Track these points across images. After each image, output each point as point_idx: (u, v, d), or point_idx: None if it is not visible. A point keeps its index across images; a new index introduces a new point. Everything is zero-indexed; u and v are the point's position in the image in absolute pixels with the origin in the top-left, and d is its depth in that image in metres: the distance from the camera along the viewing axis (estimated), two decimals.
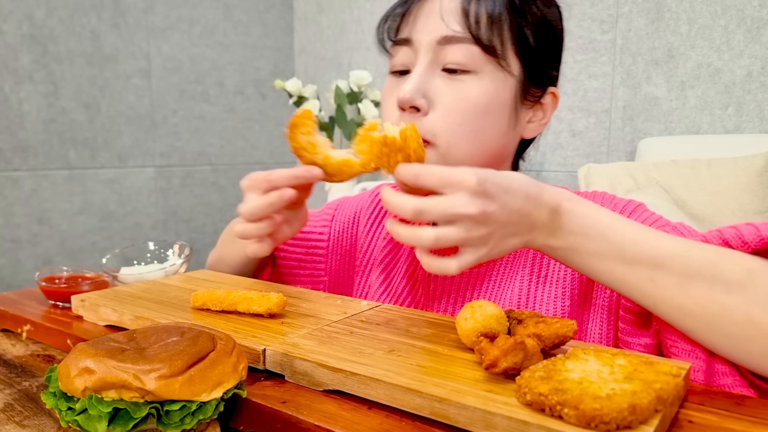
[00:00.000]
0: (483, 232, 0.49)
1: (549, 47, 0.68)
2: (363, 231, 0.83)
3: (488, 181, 0.49)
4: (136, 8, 2.26)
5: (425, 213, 0.49)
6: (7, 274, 2.03)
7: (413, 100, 0.63)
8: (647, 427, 0.36)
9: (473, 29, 0.62)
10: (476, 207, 0.48)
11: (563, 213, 0.52)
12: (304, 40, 2.78)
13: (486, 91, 0.63)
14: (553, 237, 0.53)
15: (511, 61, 0.64)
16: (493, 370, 0.41)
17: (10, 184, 2.01)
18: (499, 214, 0.49)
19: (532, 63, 0.66)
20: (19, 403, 0.50)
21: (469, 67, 0.63)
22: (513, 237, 0.52)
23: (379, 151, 0.54)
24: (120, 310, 0.62)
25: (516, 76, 0.65)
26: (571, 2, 1.95)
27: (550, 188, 0.53)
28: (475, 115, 0.63)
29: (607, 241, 0.51)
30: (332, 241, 0.85)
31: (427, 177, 0.50)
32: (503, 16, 0.63)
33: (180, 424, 0.39)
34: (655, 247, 0.50)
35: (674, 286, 0.50)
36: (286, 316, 0.60)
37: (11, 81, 1.98)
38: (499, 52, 0.63)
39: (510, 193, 0.50)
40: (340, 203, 0.88)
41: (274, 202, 0.61)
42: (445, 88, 0.64)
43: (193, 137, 2.48)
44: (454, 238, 0.49)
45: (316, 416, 0.42)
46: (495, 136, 0.65)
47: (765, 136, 1.62)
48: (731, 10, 1.70)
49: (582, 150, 2.01)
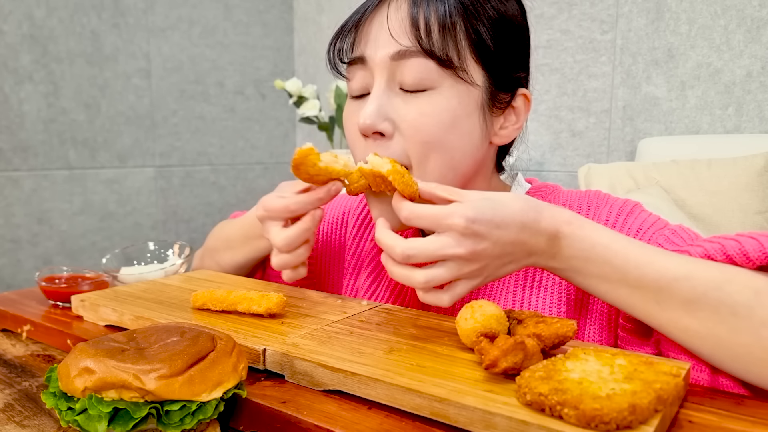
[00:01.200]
0: (474, 267, 0.50)
1: (512, 48, 0.63)
2: (351, 232, 0.83)
3: (477, 221, 0.49)
4: (136, 8, 2.26)
5: (414, 258, 0.50)
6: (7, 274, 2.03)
7: (375, 125, 0.59)
8: (647, 427, 0.36)
9: (424, 42, 0.58)
10: (465, 248, 0.49)
11: (562, 238, 0.52)
12: (304, 40, 2.78)
13: (448, 106, 0.59)
14: (554, 260, 0.53)
15: (472, 70, 0.60)
16: (493, 370, 0.41)
17: (10, 184, 2.01)
18: (491, 250, 0.50)
19: (496, 68, 0.62)
20: (19, 403, 0.50)
21: (427, 84, 0.59)
22: (509, 264, 0.52)
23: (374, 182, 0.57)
24: (120, 310, 0.62)
25: (479, 85, 0.61)
26: (571, 2, 1.95)
27: (548, 211, 0.52)
28: (441, 131, 0.59)
29: (609, 264, 0.51)
30: (320, 242, 0.85)
31: (417, 220, 0.52)
32: (457, 22, 0.59)
33: (180, 424, 0.39)
34: (658, 270, 0.49)
35: (680, 308, 0.49)
36: (286, 316, 0.60)
37: (11, 81, 1.98)
38: (457, 63, 0.59)
39: (502, 228, 0.50)
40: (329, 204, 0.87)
41: (309, 227, 0.62)
42: (406, 108, 0.60)
43: (193, 137, 2.48)
44: (444, 277, 0.50)
45: (316, 416, 0.42)
46: (467, 150, 0.62)
47: (765, 136, 1.62)
48: (731, 10, 1.70)
49: (582, 150, 2.01)
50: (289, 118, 2.82)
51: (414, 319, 0.59)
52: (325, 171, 0.59)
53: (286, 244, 0.61)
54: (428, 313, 0.61)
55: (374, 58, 0.61)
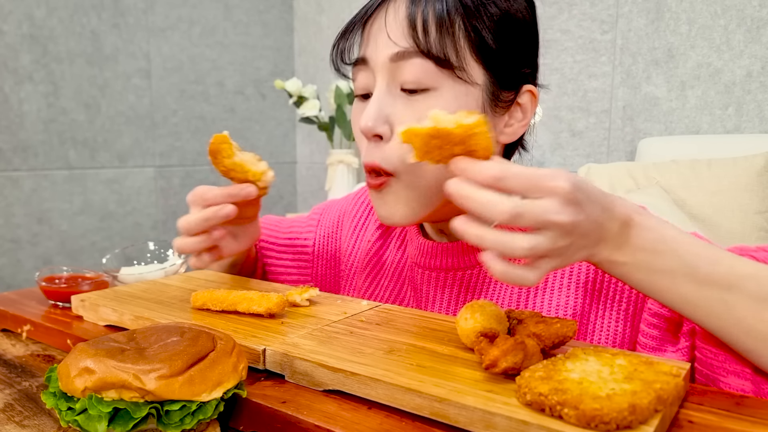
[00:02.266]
0: (566, 242, 0.45)
1: (516, 46, 0.61)
2: (347, 235, 0.82)
3: (580, 189, 0.44)
4: (136, 8, 2.26)
5: (521, 217, 0.43)
6: (7, 274, 2.03)
7: (374, 129, 0.59)
8: (647, 427, 0.36)
9: (421, 42, 0.57)
10: (567, 216, 0.44)
11: (633, 226, 0.48)
12: (304, 40, 2.78)
13: (447, 108, 0.57)
14: (619, 251, 0.49)
15: (472, 69, 0.59)
16: (493, 370, 0.41)
17: (10, 184, 2.01)
18: (584, 226, 0.45)
19: (498, 67, 0.60)
20: (19, 403, 0.50)
21: (426, 84, 0.58)
22: (583, 249, 0.48)
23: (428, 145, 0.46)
24: (120, 310, 0.62)
25: (480, 84, 0.60)
26: (571, 2, 1.95)
27: (619, 199, 0.49)
28: None
29: (679, 258, 0.48)
30: (317, 246, 0.85)
31: (514, 179, 0.43)
32: (456, 21, 0.58)
33: (180, 424, 0.39)
34: (729, 267, 0.48)
35: (746, 308, 0.47)
36: (286, 316, 0.60)
37: (11, 81, 1.98)
38: (455, 63, 0.58)
39: (593, 203, 0.46)
40: (326, 208, 0.87)
41: (209, 217, 0.63)
42: (406, 110, 0.59)
43: (193, 137, 2.48)
44: (545, 247, 0.44)
45: (316, 416, 0.42)
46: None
47: (765, 136, 1.62)
48: (731, 10, 1.70)
49: (582, 150, 2.01)
50: (289, 118, 2.82)
51: (414, 319, 0.59)
52: (241, 168, 0.61)
53: (184, 226, 0.65)
54: (428, 313, 0.61)
55: (375, 59, 0.60)
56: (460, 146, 0.45)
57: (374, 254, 0.78)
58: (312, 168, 2.86)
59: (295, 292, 0.63)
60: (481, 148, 0.45)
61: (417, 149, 0.47)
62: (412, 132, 0.46)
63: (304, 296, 0.63)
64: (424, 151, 0.47)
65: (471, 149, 0.45)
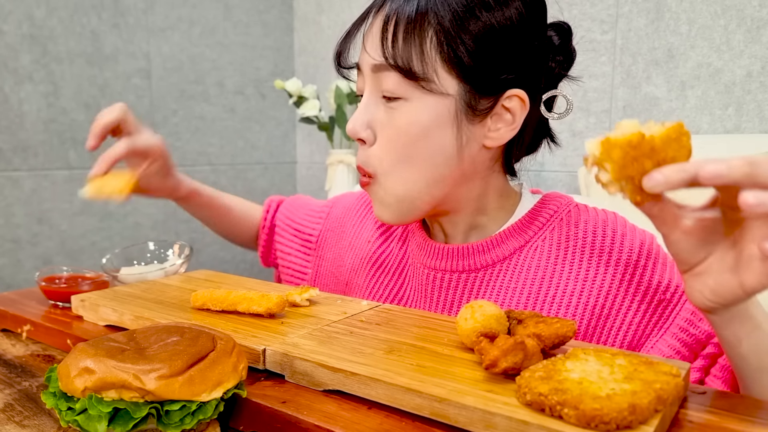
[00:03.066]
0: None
1: (500, 56, 0.60)
2: (349, 232, 0.83)
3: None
4: (136, 8, 2.26)
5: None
6: (7, 274, 2.03)
7: (357, 133, 0.63)
8: (647, 427, 0.36)
9: (389, 55, 0.59)
10: None
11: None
12: (304, 40, 2.78)
13: (416, 119, 0.60)
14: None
15: (444, 81, 0.59)
16: (493, 370, 0.41)
17: (10, 184, 2.01)
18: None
19: (475, 78, 0.60)
20: (19, 403, 0.50)
21: (399, 94, 0.60)
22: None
23: (626, 156, 0.39)
24: (120, 310, 0.62)
25: (453, 95, 0.60)
26: (571, 2, 1.95)
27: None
28: (409, 143, 0.61)
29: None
30: (320, 238, 0.86)
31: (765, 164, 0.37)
32: (427, 34, 0.58)
33: (180, 424, 0.39)
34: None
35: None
36: (286, 316, 0.60)
37: (11, 81, 1.98)
38: (421, 75, 0.59)
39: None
40: (336, 201, 0.89)
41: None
42: (384, 117, 0.62)
43: (193, 137, 2.48)
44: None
45: (316, 416, 0.42)
46: (437, 161, 0.62)
47: (765, 136, 1.62)
48: (731, 10, 1.70)
49: (582, 150, 2.01)
50: (289, 118, 2.82)
51: (414, 319, 0.59)
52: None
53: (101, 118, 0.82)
54: (428, 313, 0.61)
55: (362, 67, 0.64)
56: (651, 159, 0.40)
57: (376, 252, 0.78)
58: (312, 168, 2.86)
59: (295, 292, 0.63)
60: (684, 153, 0.40)
61: (615, 163, 0.40)
62: (611, 143, 0.40)
63: (304, 296, 0.63)
64: (620, 165, 0.40)
65: (664, 159, 0.40)
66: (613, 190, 0.41)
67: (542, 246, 0.66)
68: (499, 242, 0.67)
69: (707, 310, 0.46)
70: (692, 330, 0.59)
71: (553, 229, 0.66)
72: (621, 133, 0.40)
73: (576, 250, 0.64)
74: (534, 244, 0.66)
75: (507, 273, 0.66)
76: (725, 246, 0.43)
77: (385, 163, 0.62)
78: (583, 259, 0.64)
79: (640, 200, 0.41)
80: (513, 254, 0.67)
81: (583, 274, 0.63)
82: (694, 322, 0.59)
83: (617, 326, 0.62)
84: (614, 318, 0.62)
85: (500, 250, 0.67)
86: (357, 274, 0.80)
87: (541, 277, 0.65)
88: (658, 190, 0.40)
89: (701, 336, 0.58)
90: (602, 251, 0.63)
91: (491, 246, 0.67)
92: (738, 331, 0.47)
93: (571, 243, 0.65)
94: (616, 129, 0.40)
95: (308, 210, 0.90)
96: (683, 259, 0.45)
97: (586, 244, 0.64)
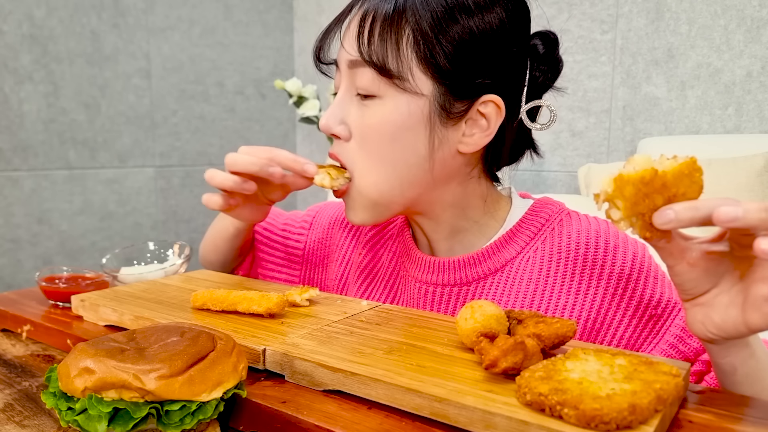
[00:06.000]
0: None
1: (479, 61, 0.59)
2: (338, 242, 0.81)
3: None
4: (136, 8, 2.26)
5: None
6: (7, 274, 2.03)
7: (331, 128, 0.63)
8: (647, 427, 0.36)
9: (364, 51, 0.59)
10: None
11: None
12: (304, 40, 2.78)
13: (389, 117, 0.59)
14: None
15: (419, 81, 0.59)
16: (493, 370, 0.41)
17: (10, 184, 2.01)
18: None
19: (451, 80, 0.59)
20: (19, 403, 0.50)
21: (373, 91, 0.60)
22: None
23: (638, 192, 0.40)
24: (120, 310, 0.62)
25: (427, 95, 0.59)
26: (571, 2, 1.95)
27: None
28: (381, 142, 0.60)
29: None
30: (307, 249, 0.84)
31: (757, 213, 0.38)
32: (404, 32, 0.58)
33: (180, 424, 0.39)
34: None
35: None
36: (286, 316, 0.60)
37: (11, 81, 1.98)
38: (396, 74, 0.58)
39: None
40: (320, 210, 0.86)
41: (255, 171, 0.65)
42: (357, 114, 0.62)
43: (193, 137, 2.48)
44: None
45: (316, 416, 0.42)
46: (411, 162, 0.61)
47: (765, 136, 1.62)
48: (731, 10, 1.70)
49: (582, 150, 2.01)
50: (289, 118, 2.82)
51: (414, 319, 0.59)
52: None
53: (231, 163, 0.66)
54: (428, 313, 0.61)
55: (340, 64, 0.64)
56: (662, 195, 0.40)
57: (366, 264, 0.77)
58: None
59: (295, 292, 0.63)
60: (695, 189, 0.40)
61: (626, 200, 0.40)
62: (623, 179, 0.40)
63: (304, 296, 0.63)
64: (632, 202, 0.40)
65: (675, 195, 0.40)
66: (624, 226, 0.42)
67: (534, 257, 0.65)
68: (490, 254, 0.66)
69: (707, 341, 0.46)
70: (681, 347, 0.59)
71: (545, 239, 0.65)
72: (633, 168, 0.40)
73: (568, 262, 0.63)
74: (525, 256, 0.65)
75: (499, 286, 0.65)
76: (731, 280, 0.43)
77: (358, 160, 0.62)
78: (575, 272, 0.63)
79: (649, 236, 0.42)
80: (504, 266, 0.65)
81: (575, 288, 0.62)
82: (683, 339, 0.59)
83: (608, 340, 0.62)
84: (605, 332, 0.62)
85: (491, 263, 0.65)
86: (348, 286, 0.79)
87: (533, 290, 0.64)
88: (668, 227, 0.40)
89: (690, 353, 0.59)
90: (594, 264, 0.62)
91: (482, 258, 0.66)
92: (734, 359, 0.47)
93: (563, 255, 0.63)
94: (627, 164, 0.41)
95: (287, 221, 0.87)
96: (687, 289, 0.45)
97: (578, 256, 0.63)
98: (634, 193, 0.40)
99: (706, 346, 0.48)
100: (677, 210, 0.39)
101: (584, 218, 0.66)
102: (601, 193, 0.42)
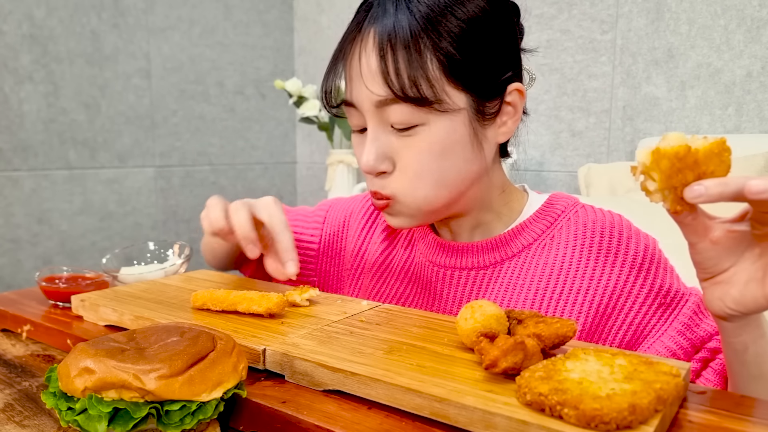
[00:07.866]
0: None
1: (486, 54, 0.61)
2: (353, 235, 0.83)
3: None
4: (136, 8, 2.26)
5: None
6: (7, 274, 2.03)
7: (377, 168, 0.63)
8: (647, 427, 0.36)
9: (397, 90, 0.59)
10: None
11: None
12: (304, 40, 2.78)
13: (438, 139, 0.61)
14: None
15: (452, 97, 0.60)
16: (493, 370, 0.41)
17: (10, 184, 2.01)
18: None
19: (477, 84, 0.61)
20: (19, 403, 0.50)
21: (414, 122, 0.60)
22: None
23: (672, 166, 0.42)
24: (120, 310, 0.62)
25: (464, 107, 0.61)
26: (571, 2, 1.95)
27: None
28: (433, 162, 0.62)
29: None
30: (323, 243, 0.85)
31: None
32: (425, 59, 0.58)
33: (180, 424, 0.39)
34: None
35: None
36: (286, 316, 0.60)
37: (11, 81, 1.98)
38: (433, 99, 0.59)
39: None
40: (332, 205, 0.88)
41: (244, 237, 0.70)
42: (401, 145, 0.62)
43: (193, 137, 2.48)
44: None
45: (316, 416, 0.42)
46: (461, 169, 0.63)
47: (765, 136, 1.62)
48: (731, 10, 1.70)
49: (582, 150, 2.01)
50: (289, 118, 2.82)
51: (414, 319, 0.59)
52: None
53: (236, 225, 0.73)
54: (428, 313, 0.61)
55: (360, 104, 0.62)
56: (693, 171, 0.42)
57: (381, 255, 0.78)
58: (312, 168, 2.86)
59: (295, 292, 0.63)
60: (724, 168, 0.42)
61: (662, 173, 0.42)
62: (660, 153, 0.42)
63: (304, 296, 0.63)
64: (667, 175, 0.42)
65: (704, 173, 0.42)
66: (657, 198, 0.44)
67: (550, 244, 0.67)
68: (508, 240, 0.68)
69: (724, 318, 0.48)
70: (689, 333, 0.61)
71: (561, 228, 0.68)
72: (668, 144, 0.42)
73: (584, 249, 0.66)
74: (542, 242, 0.68)
75: (515, 270, 0.67)
76: (751, 257, 0.45)
77: (406, 184, 0.63)
78: (590, 258, 0.65)
79: (679, 209, 0.44)
80: (521, 252, 0.68)
81: (590, 273, 0.65)
82: (691, 327, 0.62)
83: (618, 325, 0.64)
84: (616, 317, 0.64)
85: (509, 248, 0.68)
86: (363, 277, 0.80)
87: (548, 275, 0.66)
88: (698, 201, 0.42)
89: (696, 341, 0.61)
90: (609, 252, 0.65)
91: (500, 243, 0.68)
92: (746, 338, 0.49)
93: (579, 242, 0.66)
94: (662, 140, 0.43)
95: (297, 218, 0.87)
96: (707, 267, 0.47)
97: (593, 243, 0.65)
98: (669, 167, 0.42)
99: (720, 326, 0.50)
100: (707, 185, 0.41)
101: (599, 210, 0.69)
102: (639, 165, 0.43)
